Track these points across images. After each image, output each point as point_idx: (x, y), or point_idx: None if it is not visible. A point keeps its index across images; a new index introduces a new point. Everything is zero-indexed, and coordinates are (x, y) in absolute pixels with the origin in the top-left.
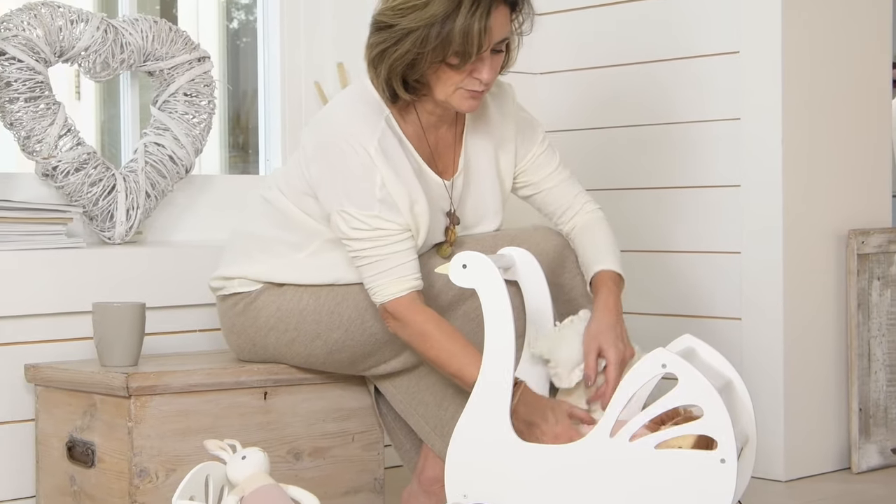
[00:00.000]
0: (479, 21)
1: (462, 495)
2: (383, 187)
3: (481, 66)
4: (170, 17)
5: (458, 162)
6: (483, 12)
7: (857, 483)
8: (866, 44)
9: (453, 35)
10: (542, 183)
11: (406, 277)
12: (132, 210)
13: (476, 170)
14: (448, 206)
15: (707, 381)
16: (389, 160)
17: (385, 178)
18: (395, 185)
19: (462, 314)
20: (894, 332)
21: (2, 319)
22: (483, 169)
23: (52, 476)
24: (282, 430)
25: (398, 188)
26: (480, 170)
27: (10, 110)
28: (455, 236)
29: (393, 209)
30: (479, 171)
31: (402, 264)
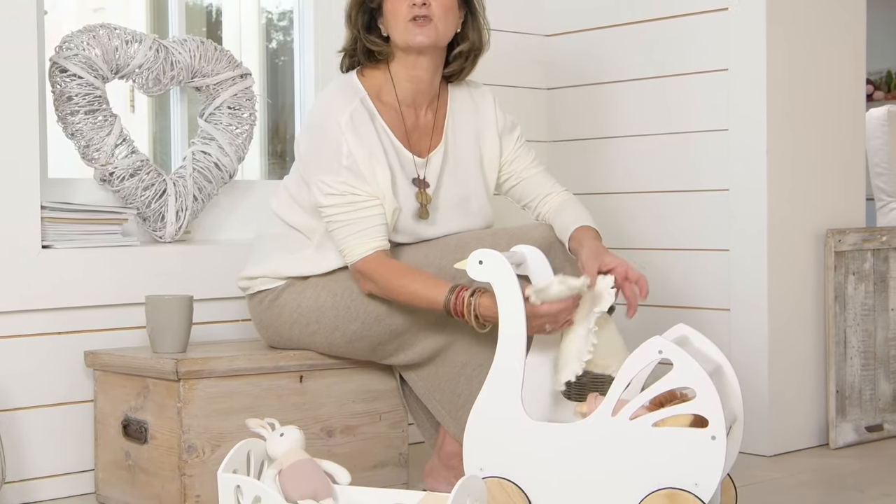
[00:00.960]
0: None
1: (479, 468)
2: (350, 155)
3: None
4: (215, 38)
5: (436, 142)
6: None
7: (835, 458)
8: (843, 62)
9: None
10: (522, 172)
11: (373, 238)
12: (181, 212)
13: (455, 152)
14: (415, 173)
15: (699, 366)
16: (357, 132)
17: (351, 147)
18: (361, 153)
19: None
20: (868, 322)
21: (64, 310)
22: (464, 152)
23: (109, 451)
24: (316, 410)
25: (363, 157)
26: (461, 153)
27: (71, 122)
28: (428, 199)
29: (359, 177)
30: (459, 153)
31: (369, 228)
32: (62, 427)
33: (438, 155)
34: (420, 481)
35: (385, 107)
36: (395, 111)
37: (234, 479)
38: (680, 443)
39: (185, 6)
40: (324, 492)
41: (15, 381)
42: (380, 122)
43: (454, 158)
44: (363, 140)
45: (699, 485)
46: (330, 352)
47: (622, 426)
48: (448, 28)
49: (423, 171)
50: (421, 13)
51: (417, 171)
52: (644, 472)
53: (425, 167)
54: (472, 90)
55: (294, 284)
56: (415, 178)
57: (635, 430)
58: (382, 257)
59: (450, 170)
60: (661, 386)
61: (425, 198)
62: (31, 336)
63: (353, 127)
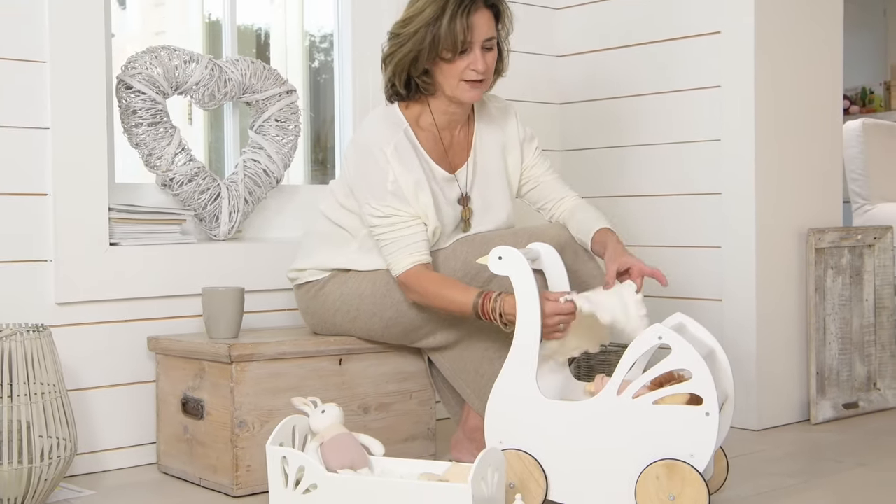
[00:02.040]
0: (460, 19)
1: (499, 441)
2: (395, 182)
3: (474, 58)
4: (263, 58)
5: (465, 157)
6: (464, 12)
7: (815, 432)
8: (822, 79)
9: (441, 32)
10: (539, 178)
11: (414, 253)
12: (234, 213)
13: (484, 164)
14: (458, 193)
15: (695, 350)
16: (402, 161)
17: (397, 174)
18: (405, 180)
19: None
20: (845, 311)
21: (129, 301)
22: (491, 164)
23: (169, 426)
24: (354, 389)
25: (408, 183)
26: (488, 164)
27: (135, 133)
28: (470, 213)
29: (402, 200)
30: (486, 165)
31: (410, 244)
32: (127, 404)
33: (468, 169)
34: (446, 453)
35: (424, 132)
36: (433, 134)
37: (280, 451)
38: (677, 418)
39: (237, 30)
40: (361, 462)
41: (85, 364)
42: (421, 150)
43: (483, 170)
44: (408, 168)
45: (694, 456)
46: (368, 336)
47: (626, 404)
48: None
49: (458, 186)
50: (477, 79)
51: (460, 188)
52: (645, 445)
53: (455, 181)
54: (496, 105)
55: (338, 276)
56: (459, 198)
57: (638, 407)
58: (422, 270)
59: (479, 181)
60: (660, 368)
61: (468, 212)
62: (100, 324)
63: (399, 157)
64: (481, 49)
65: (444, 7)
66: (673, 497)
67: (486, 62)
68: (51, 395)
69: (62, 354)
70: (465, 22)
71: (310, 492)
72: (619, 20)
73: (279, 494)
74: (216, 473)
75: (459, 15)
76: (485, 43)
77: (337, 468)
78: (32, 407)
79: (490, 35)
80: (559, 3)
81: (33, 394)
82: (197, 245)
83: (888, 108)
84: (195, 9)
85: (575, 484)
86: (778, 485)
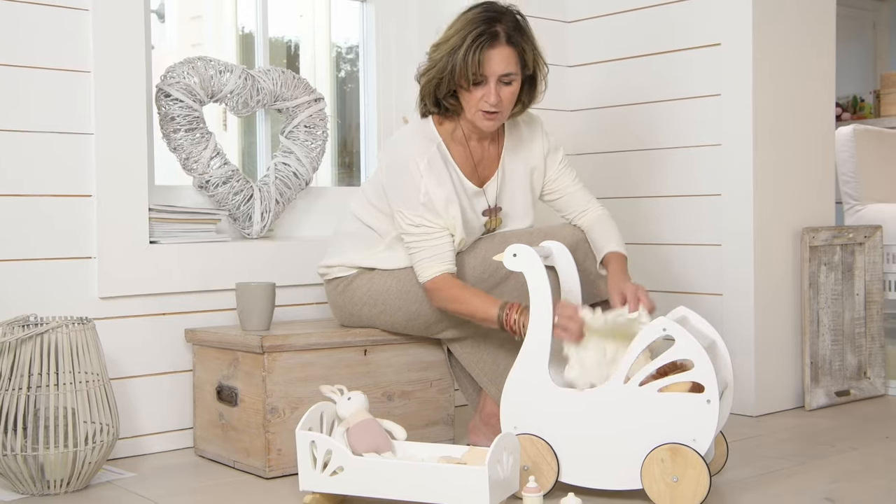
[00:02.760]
0: (474, 54)
1: (513, 427)
2: (427, 194)
3: (488, 92)
4: (293, 68)
5: (493, 170)
6: (479, 47)
7: (809, 418)
8: (816, 88)
9: (457, 63)
10: (563, 190)
11: (442, 263)
12: (265, 213)
13: (511, 178)
14: (485, 205)
15: (697, 342)
16: (434, 174)
17: (429, 187)
18: (437, 194)
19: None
20: (837, 305)
21: (167, 295)
22: (517, 178)
23: (206, 412)
24: (378, 378)
25: (438, 195)
26: (515, 178)
27: (173, 138)
28: (495, 224)
29: (433, 212)
30: (513, 179)
31: (438, 254)
32: (166, 392)
33: (496, 182)
34: (464, 437)
35: (456, 145)
36: (465, 147)
37: (309, 436)
38: (681, 405)
39: (268, 42)
40: (385, 446)
41: (126, 354)
42: (452, 164)
43: (510, 183)
44: (439, 183)
45: (696, 440)
46: (392, 329)
47: (633, 391)
48: (511, 109)
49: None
50: (489, 111)
51: (487, 201)
52: (650, 430)
53: (483, 194)
54: (524, 119)
55: (365, 273)
56: (485, 210)
57: (643, 395)
58: (448, 278)
59: (506, 194)
60: (665, 358)
61: (495, 222)
62: (140, 316)
63: (431, 170)
64: (497, 83)
65: (464, 39)
66: (676, 479)
67: (501, 96)
68: (94, 384)
69: (105, 345)
70: (480, 57)
71: (336, 474)
72: (627, 33)
73: (308, 476)
74: (249, 456)
75: (474, 50)
76: (502, 77)
77: (362, 452)
78: (77, 394)
79: (507, 71)
80: (571, 16)
81: (78, 382)
82: (231, 243)
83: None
84: (229, 22)
85: (585, 466)
86: (775, 467)
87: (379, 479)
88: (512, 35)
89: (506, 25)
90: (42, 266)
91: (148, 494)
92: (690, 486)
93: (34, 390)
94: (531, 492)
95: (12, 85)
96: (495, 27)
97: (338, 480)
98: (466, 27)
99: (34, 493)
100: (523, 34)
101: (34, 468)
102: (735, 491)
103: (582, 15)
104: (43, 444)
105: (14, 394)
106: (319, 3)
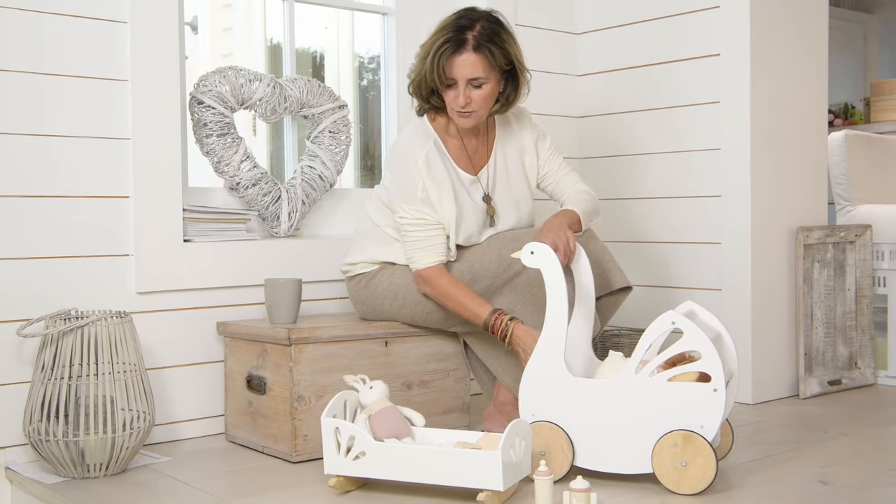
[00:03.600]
0: (440, 60)
1: (531, 414)
2: (424, 189)
3: (455, 93)
4: (318, 77)
5: (485, 160)
6: (443, 54)
7: (803, 406)
8: (809, 96)
9: (428, 68)
10: (553, 174)
11: (435, 254)
12: (292, 213)
13: (504, 166)
14: (482, 192)
15: (704, 334)
16: (431, 171)
17: (426, 183)
18: (433, 189)
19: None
20: (829, 299)
21: (200, 290)
22: (511, 166)
23: (236, 400)
24: (398, 368)
25: (435, 192)
26: (508, 166)
27: (206, 143)
28: (493, 210)
29: (430, 206)
30: (506, 167)
31: (433, 245)
32: (199, 381)
33: (489, 170)
34: (479, 424)
35: (451, 138)
36: (459, 140)
37: (333, 423)
38: (689, 394)
39: (295, 52)
40: (404, 432)
41: (162, 346)
42: (448, 158)
43: (503, 170)
44: (435, 178)
45: (704, 427)
46: (412, 321)
47: (644, 381)
48: (489, 107)
49: (481, 186)
50: (460, 111)
51: (483, 188)
52: (661, 417)
53: (479, 182)
54: (512, 111)
55: (386, 268)
56: (483, 196)
57: (654, 384)
58: (441, 269)
59: (500, 181)
60: (674, 349)
61: (492, 209)
62: (174, 310)
63: (428, 166)
64: (467, 85)
65: (433, 45)
66: (685, 463)
67: (472, 97)
68: (132, 373)
69: (142, 337)
70: (445, 63)
71: (359, 458)
72: (632, 44)
73: (332, 460)
74: (277, 442)
75: (439, 56)
76: (471, 81)
77: (384, 437)
78: (116, 384)
79: (474, 76)
80: (580, 28)
81: (116, 372)
82: (260, 241)
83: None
84: (259, 34)
85: (598, 451)
86: (771, 452)
87: (399, 463)
88: (480, 42)
89: (476, 32)
90: (83, 263)
91: (182, 477)
92: (698, 470)
93: (75, 380)
94: (542, 475)
95: (57, 93)
96: (464, 34)
97: (361, 464)
98: (438, 33)
99: (75, 476)
100: (495, 40)
101: (75, 453)
102: (737, 474)
103: (590, 27)
104: (83, 431)
105: (56, 383)
106: (343, 15)
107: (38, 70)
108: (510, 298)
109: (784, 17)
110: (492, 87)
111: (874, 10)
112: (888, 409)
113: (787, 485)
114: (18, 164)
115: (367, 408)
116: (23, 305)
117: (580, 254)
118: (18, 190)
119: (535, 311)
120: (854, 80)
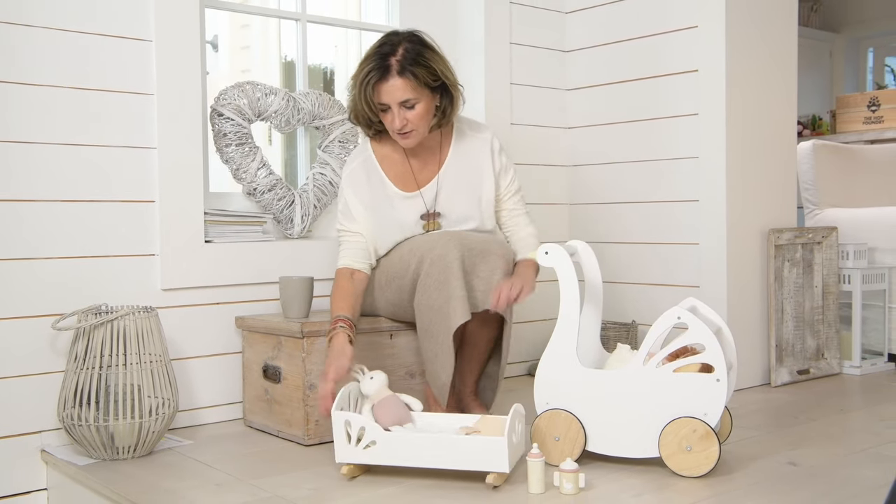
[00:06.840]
0: (367, 90)
1: (545, 402)
2: (345, 203)
3: (391, 116)
4: (329, 91)
5: (430, 177)
6: (370, 83)
7: (774, 393)
8: (780, 108)
9: (359, 97)
10: (507, 212)
11: (347, 258)
12: (305, 216)
13: (453, 182)
14: (423, 209)
15: (707, 328)
16: (354, 186)
17: (347, 198)
18: (353, 202)
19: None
20: (798, 296)
21: (220, 287)
22: (460, 184)
23: (253, 388)
24: (402, 359)
25: (355, 205)
26: (458, 183)
27: (225, 152)
28: (437, 225)
29: (348, 218)
30: (456, 183)
31: (350, 251)
32: (219, 371)
33: (435, 187)
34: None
35: (388, 159)
36: (401, 159)
37: (343, 415)
38: (693, 384)
39: (307, 68)
40: (406, 418)
41: (185, 338)
42: (380, 175)
43: (451, 188)
44: (357, 193)
45: (707, 414)
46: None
47: (651, 372)
48: (427, 123)
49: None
50: (398, 131)
51: (425, 204)
52: (667, 406)
53: (420, 197)
54: (474, 133)
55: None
56: (423, 214)
57: (661, 375)
58: (343, 272)
59: (444, 197)
60: (679, 342)
61: (433, 226)
62: (196, 306)
63: (350, 183)
64: (400, 108)
65: (360, 74)
66: (690, 447)
67: (408, 118)
68: (157, 364)
69: (166, 330)
70: (372, 92)
71: (369, 447)
72: (618, 61)
73: (343, 450)
74: (291, 427)
75: (367, 86)
76: (403, 104)
77: (388, 425)
78: (142, 373)
79: (404, 98)
80: (568, 46)
81: (143, 362)
82: (275, 242)
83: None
84: (274, 51)
85: (609, 437)
86: (746, 435)
87: (409, 451)
88: (404, 66)
89: (399, 57)
90: (112, 262)
91: (203, 459)
92: (702, 454)
93: (105, 369)
94: (534, 457)
95: (89, 106)
96: (387, 61)
97: (371, 453)
98: (364, 63)
99: (105, 458)
100: (419, 61)
101: (105, 436)
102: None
103: (578, 45)
104: (113, 416)
105: (88, 372)
106: (352, 35)
107: (79, 85)
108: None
109: (757, 37)
110: (425, 104)
111: (840, 30)
112: (852, 397)
113: (760, 466)
114: (62, 173)
115: (370, 398)
116: (57, 301)
117: (587, 252)
118: (58, 195)
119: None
120: (821, 94)
